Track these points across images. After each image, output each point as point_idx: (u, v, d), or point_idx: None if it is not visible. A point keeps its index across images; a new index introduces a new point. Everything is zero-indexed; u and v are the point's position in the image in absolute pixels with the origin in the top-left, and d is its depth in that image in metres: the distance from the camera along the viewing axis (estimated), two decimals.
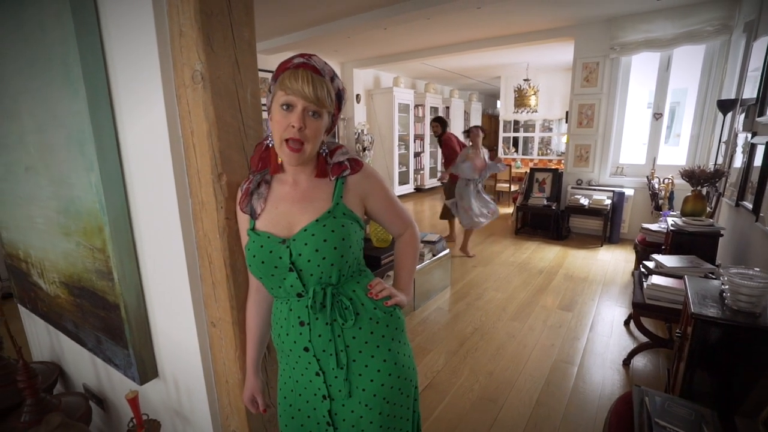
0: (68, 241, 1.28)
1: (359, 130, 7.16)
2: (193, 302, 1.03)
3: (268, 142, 0.87)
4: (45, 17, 1.05)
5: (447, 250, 3.48)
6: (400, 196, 8.09)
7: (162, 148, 0.95)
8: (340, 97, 0.86)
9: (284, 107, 0.79)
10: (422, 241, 3.33)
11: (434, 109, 8.97)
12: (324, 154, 0.88)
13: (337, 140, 7.21)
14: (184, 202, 0.98)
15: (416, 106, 8.38)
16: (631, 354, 2.32)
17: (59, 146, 1.17)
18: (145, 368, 1.23)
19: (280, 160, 0.86)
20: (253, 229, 0.87)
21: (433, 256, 3.29)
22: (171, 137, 0.93)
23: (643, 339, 2.42)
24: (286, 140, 0.80)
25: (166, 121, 0.92)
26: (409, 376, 0.93)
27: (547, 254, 4.41)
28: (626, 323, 2.79)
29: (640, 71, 4.88)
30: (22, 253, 1.63)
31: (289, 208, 0.86)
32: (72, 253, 1.28)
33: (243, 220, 0.91)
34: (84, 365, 1.66)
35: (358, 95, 7.33)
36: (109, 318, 1.22)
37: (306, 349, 0.86)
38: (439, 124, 5.01)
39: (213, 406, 1.13)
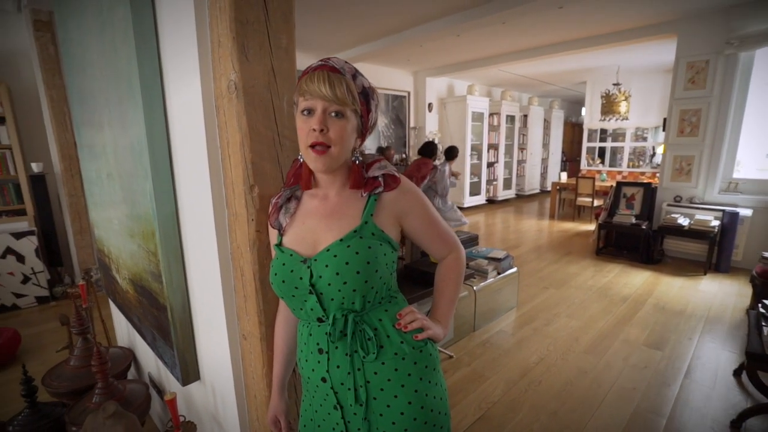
0: (132, 243, 1.37)
1: (430, 139, 7.06)
2: (226, 314, 1.03)
3: (300, 158, 0.83)
4: (117, 36, 1.14)
5: (514, 269, 3.22)
6: (471, 208, 7.90)
7: (201, 159, 0.95)
8: (367, 95, 0.78)
9: (305, 113, 0.74)
10: (487, 258, 3.12)
11: (510, 118, 8.55)
12: (357, 162, 0.81)
13: (407, 150, 7.21)
14: (220, 212, 0.98)
15: (491, 114, 8.06)
16: (743, 415, 1.89)
17: (127, 155, 1.26)
18: (188, 370, 1.26)
19: (311, 175, 0.81)
20: (279, 244, 0.83)
21: (499, 274, 3.06)
22: (209, 148, 0.93)
23: (762, 399, 1.96)
24: (311, 146, 0.75)
25: (204, 132, 0.92)
26: (439, 422, 0.81)
27: (633, 279, 3.88)
28: (736, 374, 2.30)
29: (765, 69, 4.10)
30: (106, 249, 1.81)
31: (316, 224, 0.80)
32: (135, 254, 1.38)
33: (272, 234, 0.88)
34: (148, 356, 1.79)
35: (430, 104, 7.25)
36: (160, 318, 1.28)
37: (323, 380, 0.79)
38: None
39: (243, 419, 1.11)
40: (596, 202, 6.42)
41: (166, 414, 1.84)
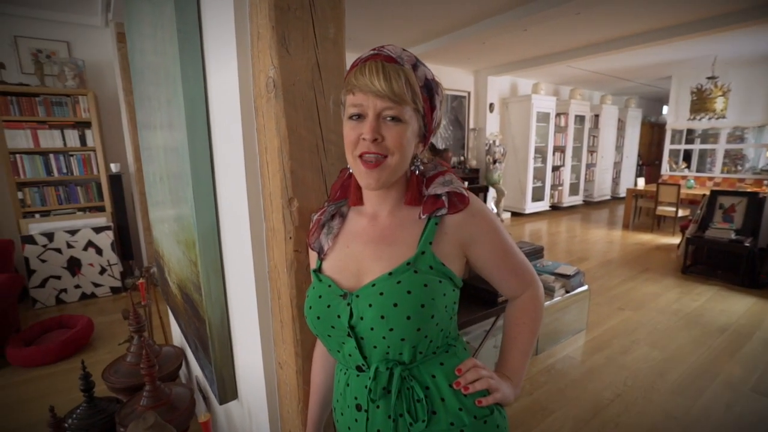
0: (179, 249, 1.34)
1: (490, 141, 6.71)
2: (262, 338, 0.92)
3: (348, 168, 0.69)
4: (165, 37, 1.09)
5: (585, 286, 2.87)
6: (533, 214, 7.39)
7: (238, 167, 0.86)
8: (430, 89, 0.62)
9: (354, 118, 0.60)
10: (553, 273, 2.81)
11: (579, 118, 7.89)
12: (417, 172, 0.66)
13: (466, 153, 6.91)
14: (257, 226, 0.87)
15: (558, 114, 7.49)
16: None
17: (173, 158, 1.22)
18: (225, 388, 1.19)
19: (360, 188, 0.67)
20: (318, 270, 0.70)
21: (567, 292, 2.74)
22: (246, 155, 0.83)
23: None
24: (360, 156, 0.61)
25: (242, 136, 0.82)
26: None
27: (733, 306, 3.31)
28: None
29: None
30: (160, 251, 1.83)
31: (361, 249, 0.66)
32: (181, 261, 1.34)
33: (312, 257, 0.75)
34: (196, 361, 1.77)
35: (491, 104, 6.90)
36: (201, 330, 1.22)
37: None
38: None
39: None
40: (681, 212, 5.67)
41: (221, 393, 1.82)
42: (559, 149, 7.73)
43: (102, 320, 3.19)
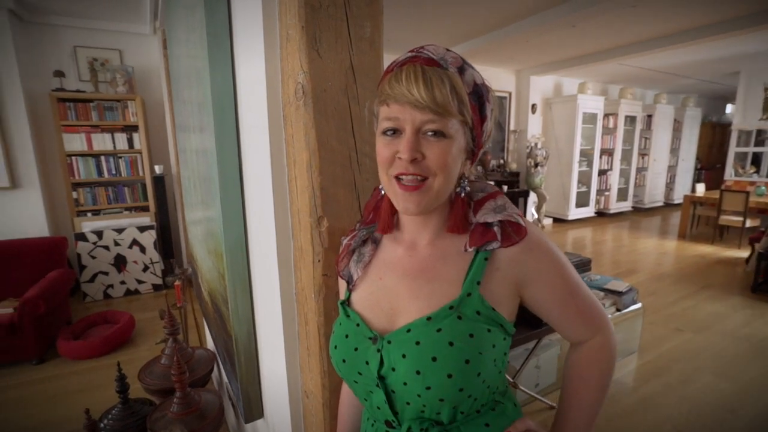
0: (209, 259, 1.31)
1: (532, 144, 6.42)
2: (287, 365, 0.85)
3: (381, 188, 0.60)
4: (198, 40, 1.05)
5: (638, 304, 2.63)
6: (576, 221, 7.00)
7: (265, 182, 0.79)
8: (480, 96, 0.52)
9: (389, 133, 0.51)
10: (603, 289, 2.59)
11: (630, 119, 7.39)
12: (463, 193, 0.56)
13: (506, 155, 6.65)
14: (284, 245, 0.80)
15: (606, 115, 7.05)
16: None
17: (204, 165, 1.18)
18: (251, 407, 1.13)
19: (393, 213, 0.58)
20: (346, 302, 0.62)
21: (618, 310, 2.51)
22: (273, 168, 0.76)
23: None
24: (396, 177, 0.52)
25: (269, 149, 0.75)
26: None
27: None
28: None
29: None
30: (195, 256, 1.83)
31: (396, 283, 0.57)
32: (211, 270, 1.31)
33: (341, 285, 0.67)
34: None
35: (533, 105, 6.60)
36: (229, 344, 1.18)
37: None
38: None
39: None
40: (749, 223, 5.14)
41: (239, 425, 1.79)
42: (607, 152, 7.28)
43: (143, 317, 3.30)
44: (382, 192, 0.59)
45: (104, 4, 3.30)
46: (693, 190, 6.50)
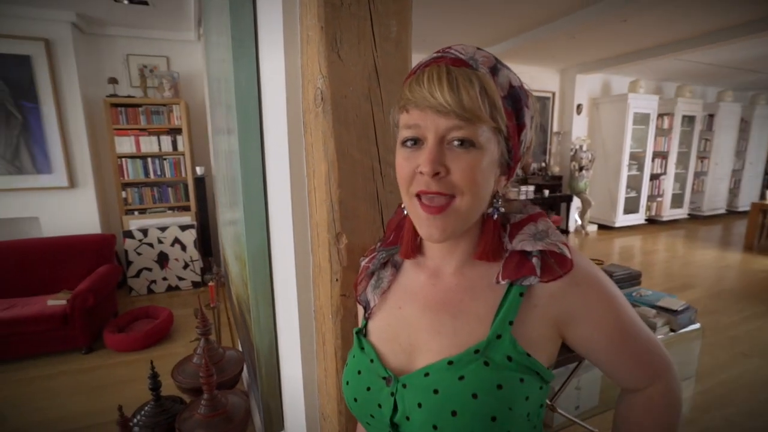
0: (236, 264, 1.30)
1: (576, 146, 6.10)
2: (305, 386, 0.81)
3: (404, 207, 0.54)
4: (225, 44, 1.04)
5: (696, 325, 2.39)
6: (624, 228, 6.56)
7: (284, 194, 0.75)
8: (516, 100, 0.45)
9: (409, 143, 0.44)
10: (655, 306, 2.37)
11: (687, 119, 6.84)
12: (496, 214, 0.48)
13: (548, 158, 6.36)
14: (303, 260, 0.76)
15: (660, 115, 6.56)
16: None
17: (232, 168, 1.17)
18: (271, 419, 1.11)
19: (416, 235, 0.52)
20: (361, 332, 0.56)
21: (672, 331, 2.29)
22: (292, 180, 0.72)
23: None
24: (418, 196, 0.45)
25: (288, 158, 0.71)
26: None
27: None
28: None
29: None
30: (225, 257, 1.85)
31: (417, 316, 0.50)
32: (237, 276, 1.30)
33: (360, 310, 0.61)
34: None
35: (579, 105, 6.27)
36: (252, 353, 1.16)
37: None
38: None
39: None
40: None
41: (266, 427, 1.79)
42: (660, 155, 6.77)
43: (182, 313, 3.41)
44: (405, 211, 0.53)
45: (155, 13, 3.47)
46: (763, 196, 5.90)
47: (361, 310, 0.58)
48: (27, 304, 2.80)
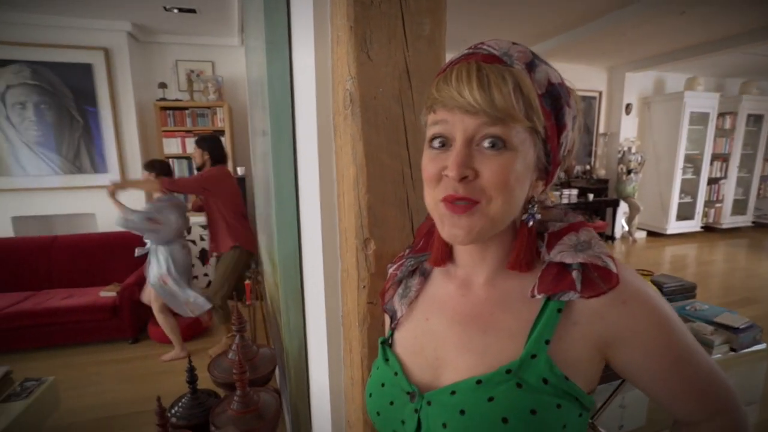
0: (269, 264, 1.31)
1: (625, 148, 5.76)
2: (331, 393, 0.80)
3: None
4: (261, 48, 1.05)
5: (762, 345, 2.16)
6: (677, 236, 6.11)
7: (313, 198, 0.74)
8: (556, 99, 0.41)
9: (436, 144, 0.42)
10: (712, 323, 2.18)
11: (753, 118, 6.27)
12: (531, 221, 0.45)
13: (593, 161, 6.05)
14: (331, 265, 0.75)
15: (721, 114, 6.06)
16: None
17: (268, 176, 1.19)
18: (299, 421, 1.11)
19: (446, 242, 0.49)
20: (387, 342, 0.53)
21: (732, 350, 2.09)
22: (321, 184, 0.71)
23: None
24: (444, 200, 0.42)
25: (317, 163, 0.70)
26: None
27: None
28: None
29: None
30: (260, 256, 1.89)
31: (445, 329, 0.47)
32: (270, 277, 1.31)
33: (386, 319, 0.58)
34: None
35: (628, 105, 5.92)
36: (282, 355, 1.17)
37: None
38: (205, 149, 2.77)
39: None
40: None
41: (294, 427, 1.80)
42: (720, 157, 6.26)
43: None
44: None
45: (201, 20, 3.63)
46: None
47: (387, 319, 0.56)
48: (83, 295, 3.01)
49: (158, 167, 2.66)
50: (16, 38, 3.46)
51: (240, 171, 4.13)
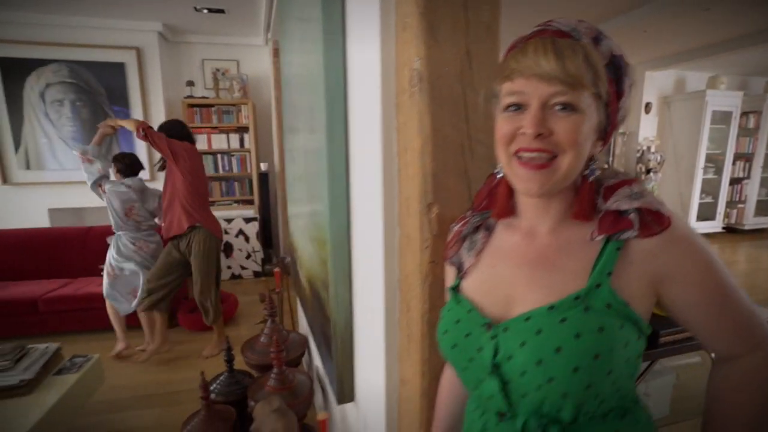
0: (311, 246, 1.39)
1: (644, 147, 5.72)
2: (386, 351, 0.87)
3: (498, 170, 0.58)
4: (311, 42, 1.13)
5: None
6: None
7: (374, 169, 0.81)
8: (618, 68, 0.48)
9: (511, 108, 0.48)
10: None
11: None
12: (591, 177, 0.51)
13: (611, 160, 6.03)
14: (390, 233, 0.82)
15: (744, 113, 5.98)
16: None
17: (313, 159, 1.27)
18: (343, 390, 1.18)
19: (510, 196, 0.56)
20: (455, 288, 0.60)
21: None
22: (384, 156, 0.78)
23: None
24: (517, 155, 0.49)
25: (380, 137, 0.78)
26: None
27: None
28: None
29: None
30: (295, 244, 1.97)
31: (512, 272, 0.54)
32: (312, 257, 1.39)
33: (448, 273, 0.65)
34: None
35: (648, 104, 5.88)
36: (326, 328, 1.25)
37: None
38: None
39: None
40: None
41: (327, 409, 1.88)
42: (743, 157, 6.16)
43: (244, 299, 3.65)
44: (498, 176, 0.57)
45: (229, 20, 3.76)
46: None
47: (451, 272, 0.63)
48: None
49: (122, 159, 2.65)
50: (57, 39, 3.63)
51: (263, 167, 4.24)
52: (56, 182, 3.86)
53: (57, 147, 3.83)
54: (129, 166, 2.67)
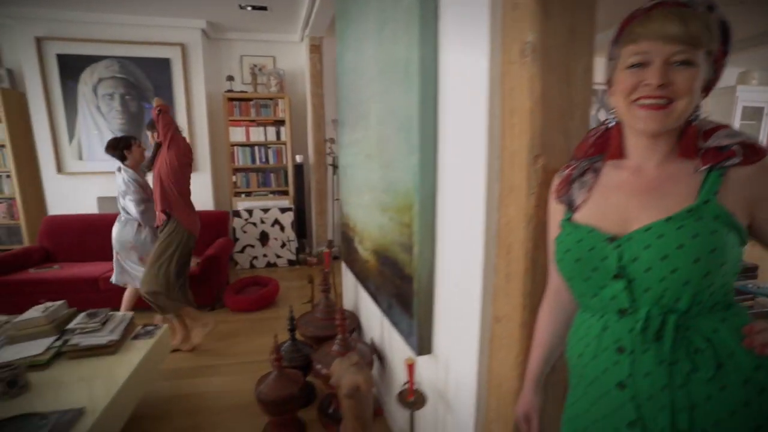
0: (383, 216, 1.53)
1: None
2: (483, 292, 0.99)
3: (607, 123, 0.71)
4: (399, 29, 1.27)
5: None
6: None
7: (478, 131, 0.94)
8: (726, 32, 0.61)
9: (636, 65, 0.61)
10: None
11: None
12: (695, 120, 0.64)
13: None
14: (491, 186, 0.95)
15: None
16: None
17: (391, 135, 1.40)
18: (423, 341, 1.31)
19: (621, 140, 0.68)
20: (569, 220, 0.73)
21: None
22: (490, 118, 0.91)
23: None
24: (636, 100, 0.62)
25: (487, 101, 0.91)
26: None
27: None
28: None
29: None
30: (351, 223, 2.11)
31: (624, 200, 0.66)
32: (384, 226, 1.52)
33: (555, 211, 0.78)
34: (374, 323, 1.99)
35: None
36: (403, 287, 1.38)
37: (621, 386, 0.64)
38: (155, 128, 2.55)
39: (480, 405, 1.07)
40: None
41: (380, 378, 2.02)
42: None
43: (282, 285, 3.81)
44: (609, 123, 0.69)
45: (270, 18, 3.93)
46: None
47: (560, 210, 0.75)
48: None
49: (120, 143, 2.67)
50: (110, 36, 3.85)
51: (299, 158, 4.41)
52: (105, 172, 4.08)
53: (106, 138, 4.03)
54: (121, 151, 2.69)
